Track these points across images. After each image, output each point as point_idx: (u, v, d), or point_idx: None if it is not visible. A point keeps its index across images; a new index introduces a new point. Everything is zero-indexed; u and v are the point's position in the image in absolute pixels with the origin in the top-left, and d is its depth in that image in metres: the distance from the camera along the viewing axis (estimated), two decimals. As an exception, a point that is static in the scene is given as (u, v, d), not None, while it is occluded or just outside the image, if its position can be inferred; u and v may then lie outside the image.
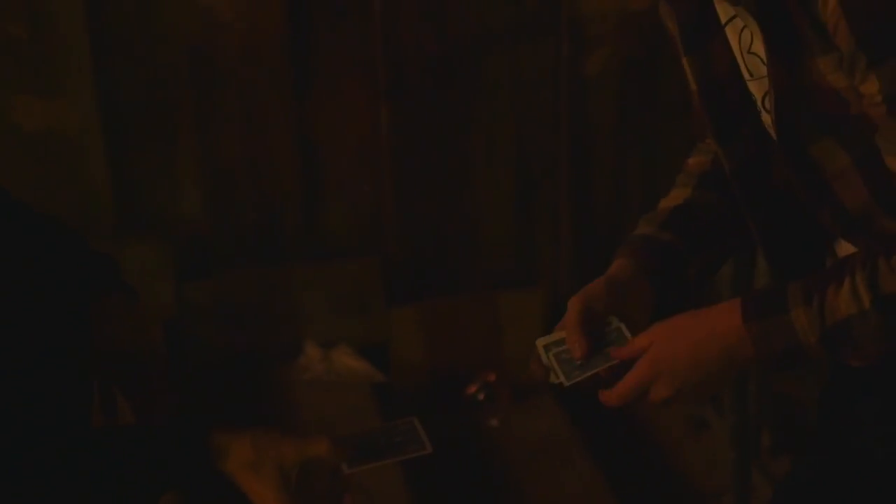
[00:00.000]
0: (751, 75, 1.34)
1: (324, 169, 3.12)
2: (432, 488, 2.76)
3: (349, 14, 3.01)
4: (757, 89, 1.35)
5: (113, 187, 2.98)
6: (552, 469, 2.88)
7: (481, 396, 3.15)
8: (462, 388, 3.17)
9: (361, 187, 3.15)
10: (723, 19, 1.35)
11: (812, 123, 1.29)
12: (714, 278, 2.57)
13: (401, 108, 3.09)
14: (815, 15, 1.19)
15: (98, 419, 1.48)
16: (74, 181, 2.95)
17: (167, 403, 1.51)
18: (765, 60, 1.28)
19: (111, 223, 2.99)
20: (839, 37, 1.17)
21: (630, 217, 3.34)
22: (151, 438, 1.29)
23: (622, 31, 3.14)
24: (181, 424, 1.30)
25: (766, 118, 1.35)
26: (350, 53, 3.04)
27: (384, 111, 3.08)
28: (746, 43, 1.33)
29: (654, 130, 3.27)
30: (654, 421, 3.07)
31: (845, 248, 1.40)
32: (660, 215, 1.56)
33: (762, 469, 2.74)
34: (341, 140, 3.10)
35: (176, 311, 3.02)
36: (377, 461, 1.33)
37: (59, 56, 2.86)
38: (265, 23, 2.96)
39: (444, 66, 3.08)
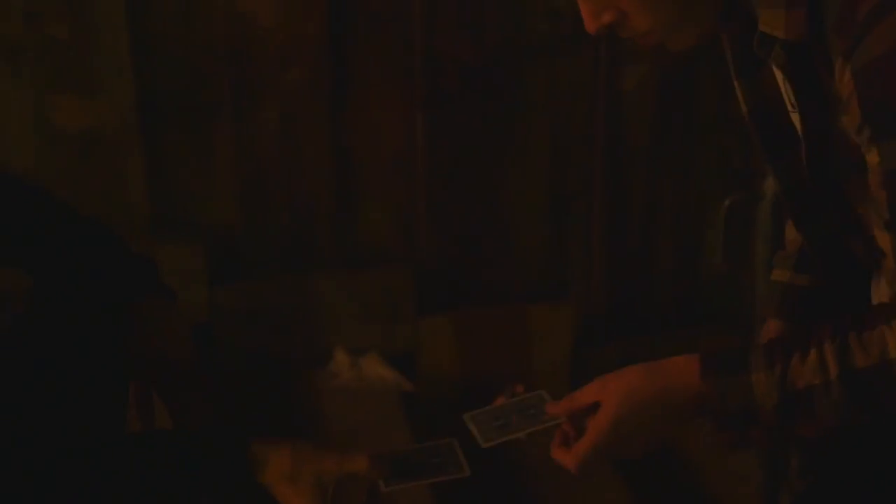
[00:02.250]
0: (793, 107, 1.35)
1: (358, 177, 3.12)
2: (456, 500, 2.75)
3: (388, 23, 3.01)
4: (798, 121, 1.36)
5: (149, 189, 2.99)
6: (578, 484, 2.86)
7: (509, 408, 3.13)
8: (490, 399, 3.15)
9: (395, 196, 3.15)
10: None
11: (841, 165, 1.30)
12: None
13: (437, 117, 3.09)
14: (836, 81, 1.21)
15: (135, 423, 1.49)
16: (111, 182, 2.96)
17: (204, 408, 1.51)
18: None
19: (146, 225, 3.00)
20: (850, 108, 1.19)
21: (663, 233, 3.34)
22: (190, 446, 1.30)
23: (660, 48, 3.12)
24: (220, 433, 1.30)
25: (803, 146, 1.36)
26: (388, 62, 3.04)
27: (420, 120, 3.08)
28: None
29: (689, 147, 3.26)
30: (680, 440, 3.05)
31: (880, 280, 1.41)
32: (791, 252, 1.57)
33: (791, 491, 2.72)
34: (377, 148, 3.10)
35: (207, 315, 3.03)
36: (414, 481, 1.33)
37: (100, 57, 2.87)
38: (304, 30, 2.96)
39: (482, 77, 3.08)
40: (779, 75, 1.35)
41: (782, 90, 1.36)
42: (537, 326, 3.22)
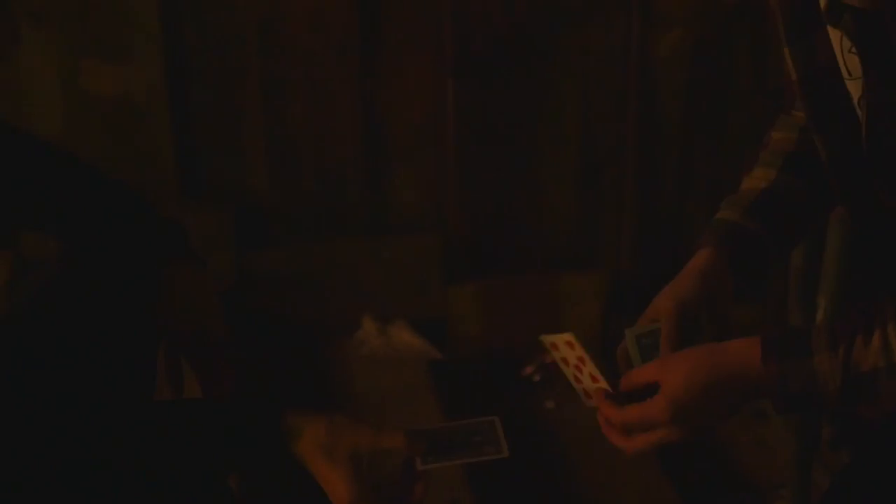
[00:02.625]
0: (849, 74, 1.32)
1: (388, 143, 3.11)
2: (483, 468, 2.74)
3: (418, -13, 2.99)
4: (854, 89, 1.33)
5: (176, 154, 2.99)
6: (606, 453, 2.83)
7: (537, 377, 3.12)
8: (518, 368, 3.14)
9: (425, 163, 3.13)
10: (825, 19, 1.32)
11: None
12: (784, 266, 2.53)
13: (467, 83, 3.06)
14: None
15: (164, 391, 1.47)
16: (139, 146, 2.96)
17: (234, 376, 1.49)
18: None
19: (173, 190, 3.00)
20: None
21: (696, 202, 3.31)
22: (222, 415, 1.28)
23: (695, 13, 3.09)
24: (254, 402, 1.29)
25: (862, 117, 1.32)
26: (418, 27, 3.01)
27: (450, 86, 3.05)
28: (847, 43, 1.30)
29: (723, 114, 3.22)
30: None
31: None
32: (745, 199, 1.53)
33: (823, 463, 2.70)
34: (406, 114, 3.08)
35: (234, 281, 3.03)
36: (451, 460, 1.29)
37: (128, 21, 2.86)
38: (334, -6, 2.95)
39: (513, 42, 3.05)
40: (835, 42, 1.31)
41: (838, 57, 1.32)
42: (568, 294, 3.20)
